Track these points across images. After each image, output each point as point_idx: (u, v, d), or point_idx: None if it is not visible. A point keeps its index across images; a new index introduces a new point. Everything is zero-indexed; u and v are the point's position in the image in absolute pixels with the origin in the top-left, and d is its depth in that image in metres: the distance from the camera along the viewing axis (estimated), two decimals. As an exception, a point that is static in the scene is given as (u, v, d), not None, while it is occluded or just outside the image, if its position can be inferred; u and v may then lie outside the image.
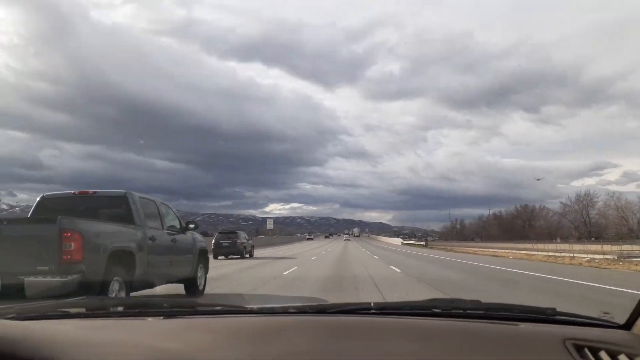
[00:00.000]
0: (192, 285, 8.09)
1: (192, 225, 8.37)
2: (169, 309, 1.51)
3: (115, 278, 5.47)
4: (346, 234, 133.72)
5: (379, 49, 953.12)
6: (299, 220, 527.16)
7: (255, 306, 1.54)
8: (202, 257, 8.58)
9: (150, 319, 1.41)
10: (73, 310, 1.50)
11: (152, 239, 6.59)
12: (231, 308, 1.54)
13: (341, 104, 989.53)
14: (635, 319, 1.20)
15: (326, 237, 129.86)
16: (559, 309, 1.34)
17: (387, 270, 15.18)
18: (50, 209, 6.37)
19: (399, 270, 14.81)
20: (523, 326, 1.24)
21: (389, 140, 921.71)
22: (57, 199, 6.70)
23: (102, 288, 5.19)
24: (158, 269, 6.72)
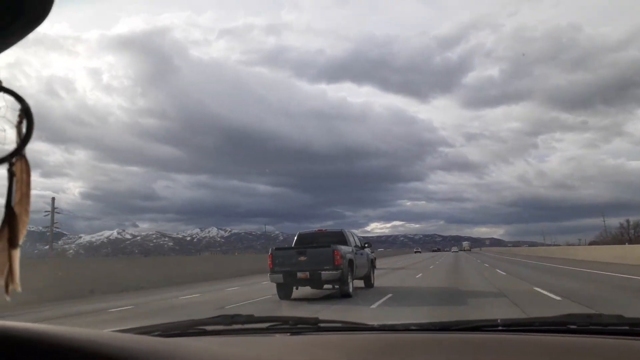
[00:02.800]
0: (368, 281, 13.90)
1: (367, 244, 14.25)
2: (295, 326, 1.64)
3: (351, 274, 11.47)
4: (454, 247, 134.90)
5: (475, 54, 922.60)
6: (401, 238, 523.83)
7: (376, 323, 1.62)
8: (372, 263, 14.39)
9: (277, 335, 1.58)
10: (209, 328, 1.67)
11: (353, 253, 12.45)
12: (353, 325, 1.65)
13: (438, 114, 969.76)
14: None
15: (433, 250, 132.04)
16: None
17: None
18: (304, 239, 12.62)
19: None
20: None
21: (494, 148, 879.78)
22: (306, 234, 13.09)
23: (343, 279, 11.11)
24: (359, 269, 12.57)
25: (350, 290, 11.49)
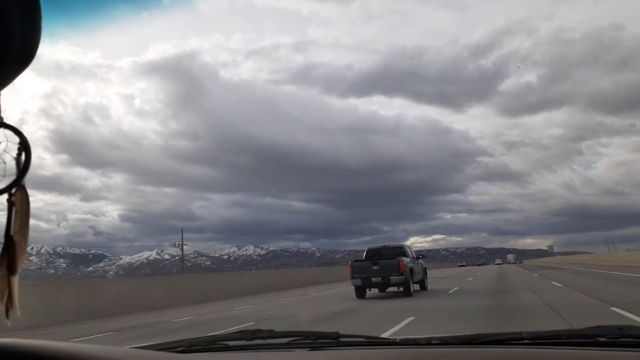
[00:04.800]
0: (422, 284, 17.18)
1: (421, 256, 17.73)
2: (315, 341, 1.64)
3: (413, 279, 15.00)
4: (497, 260, 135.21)
5: (510, 60, 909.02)
6: (443, 252, 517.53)
7: (398, 337, 1.63)
8: (425, 271, 17.79)
9: (297, 350, 1.59)
10: (231, 343, 1.72)
11: (412, 263, 15.92)
12: (374, 340, 1.66)
13: (474, 124, 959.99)
14: None
15: (478, 264, 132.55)
16: None
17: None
18: (372, 252, 16.23)
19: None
20: None
21: (536, 156, 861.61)
22: (374, 248, 16.67)
23: (406, 282, 14.62)
24: (416, 275, 15.99)
25: (412, 291, 15.00)
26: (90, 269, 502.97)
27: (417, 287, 16.47)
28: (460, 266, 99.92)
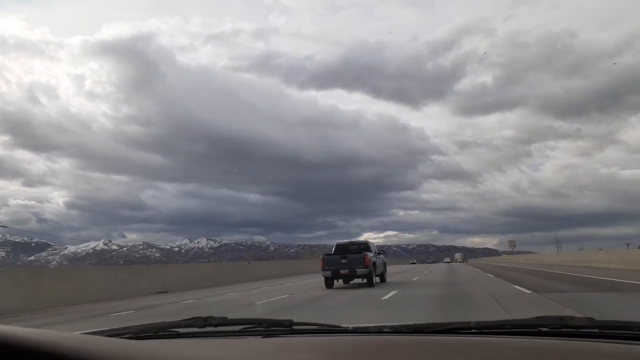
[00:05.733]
0: (382, 277, 19.47)
1: (382, 251, 19.97)
2: (268, 329, 1.67)
3: (375, 272, 17.19)
4: (446, 258, 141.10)
5: (468, 60, 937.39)
6: (395, 248, 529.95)
7: (350, 325, 1.67)
8: (385, 265, 20.03)
9: (250, 338, 1.61)
10: (182, 330, 1.71)
11: (375, 257, 18.05)
12: (327, 327, 1.68)
13: (430, 122, 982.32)
14: None
15: (429, 262, 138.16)
16: None
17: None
18: (340, 247, 18.31)
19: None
20: None
21: (488, 157, 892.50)
22: (342, 243, 18.78)
23: (370, 275, 16.77)
24: (377, 269, 18.19)
25: (374, 282, 17.19)
26: (32, 258, 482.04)
27: (377, 279, 18.74)
28: (411, 263, 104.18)
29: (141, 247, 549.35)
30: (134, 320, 9.67)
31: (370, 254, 17.35)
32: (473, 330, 1.44)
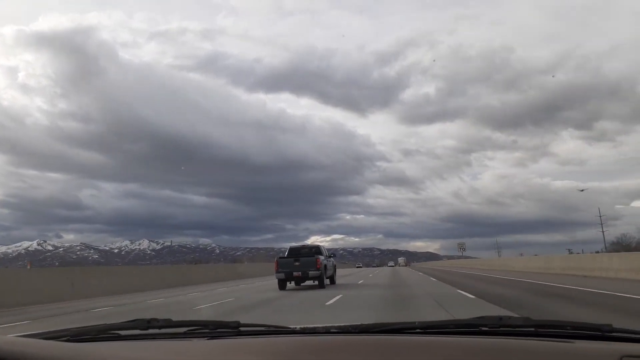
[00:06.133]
0: (332, 279, 20.64)
1: (332, 255, 21.18)
2: (214, 330, 1.65)
3: (326, 274, 18.38)
4: (390, 262, 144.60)
5: (412, 71, 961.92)
6: (341, 252, 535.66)
7: (298, 326, 1.67)
8: (334, 268, 21.26)
9: (195, 340, 1.58)
10: (123, 332, 1.64)
11: (326, 260, 19.22)
12: (274, 328, 1.68)
13: (376, 129, 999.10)
14: None
15: (373, 266, 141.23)
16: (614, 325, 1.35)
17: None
18: (293, 250, 19.36)
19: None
20: (577, 344, 1.26)
21: (430, 165, 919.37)
22: (295, 247, 19.90)
23: (321, 277, 17.94)
24: (328, 271, 19.37)
25: (326, 284, 18.34)
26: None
27: (327, 281, 19.86)
28: (357, 267, 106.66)
29: (79, 248, 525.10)
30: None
31: (322, 257, 18.49)
32: (418, 330, 1.49)
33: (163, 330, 1.67)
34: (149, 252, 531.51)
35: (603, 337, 1.33)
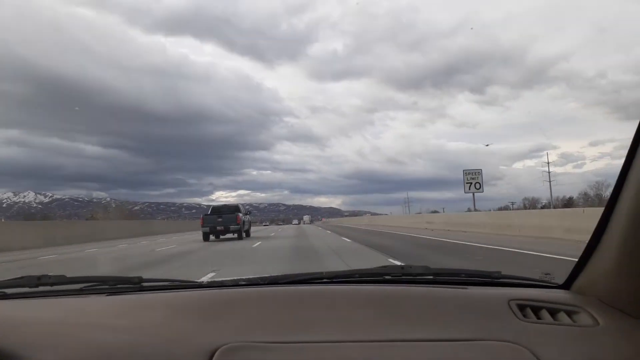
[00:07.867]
0: (247, 234, 23.91)
1: (249, 212, 24.66)
2: (114, 286, 1.56)
3: (244, 228, 21.82)
4: (295, 220, 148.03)
5: (321, 25, 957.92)
6: (247, 207, 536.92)
7: (204, 280, 1.66)
8: (250, 223, 24.73)
9: (92, 296, 1.48)
10: (9, 291, 1.52)
11: (244, 217, 22.54)
12: (179, 283, 1.63)
13: (284, 83, 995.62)
14: (573, 279, 1.35)
15: (279, 224, 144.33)
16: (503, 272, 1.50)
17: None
18: (215, 208, 22.39)
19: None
20: (470, 289, 1.38)
21: (336, 123, 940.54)
22: (217, 206, 22.92)
23: (241, 231, 21.36)
24: (245, 226, 22.69)
25: (243, 237, 21.76)
26: None
27: (244, 235, 23.09)
28: (264, 226, 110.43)
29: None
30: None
31: (241, 215, 21.85)
32: (325, 280, 1.54)
33: (56, 287, 1.54)
34: (35, 204, 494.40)
35: (493, 283, 1.48)
